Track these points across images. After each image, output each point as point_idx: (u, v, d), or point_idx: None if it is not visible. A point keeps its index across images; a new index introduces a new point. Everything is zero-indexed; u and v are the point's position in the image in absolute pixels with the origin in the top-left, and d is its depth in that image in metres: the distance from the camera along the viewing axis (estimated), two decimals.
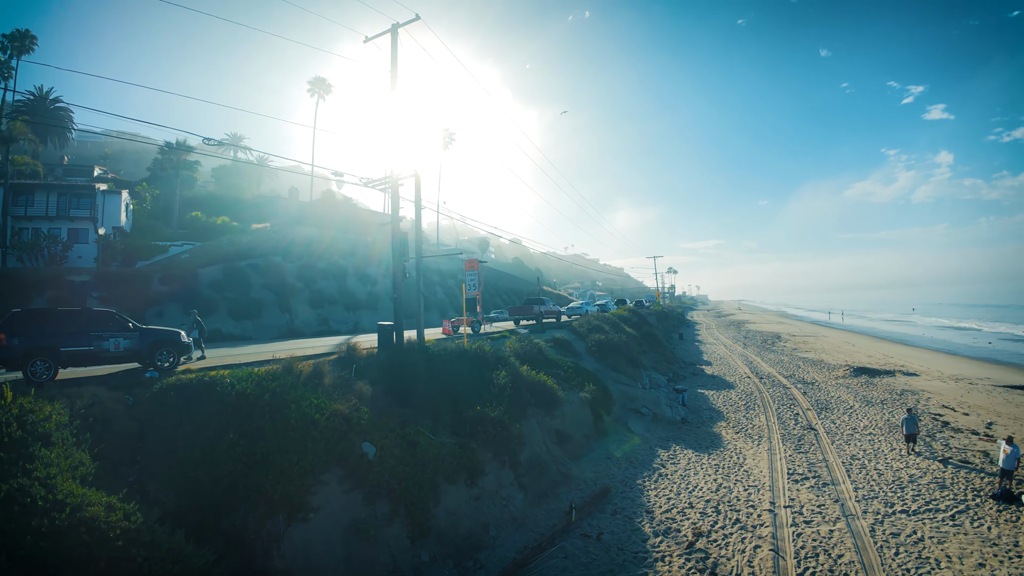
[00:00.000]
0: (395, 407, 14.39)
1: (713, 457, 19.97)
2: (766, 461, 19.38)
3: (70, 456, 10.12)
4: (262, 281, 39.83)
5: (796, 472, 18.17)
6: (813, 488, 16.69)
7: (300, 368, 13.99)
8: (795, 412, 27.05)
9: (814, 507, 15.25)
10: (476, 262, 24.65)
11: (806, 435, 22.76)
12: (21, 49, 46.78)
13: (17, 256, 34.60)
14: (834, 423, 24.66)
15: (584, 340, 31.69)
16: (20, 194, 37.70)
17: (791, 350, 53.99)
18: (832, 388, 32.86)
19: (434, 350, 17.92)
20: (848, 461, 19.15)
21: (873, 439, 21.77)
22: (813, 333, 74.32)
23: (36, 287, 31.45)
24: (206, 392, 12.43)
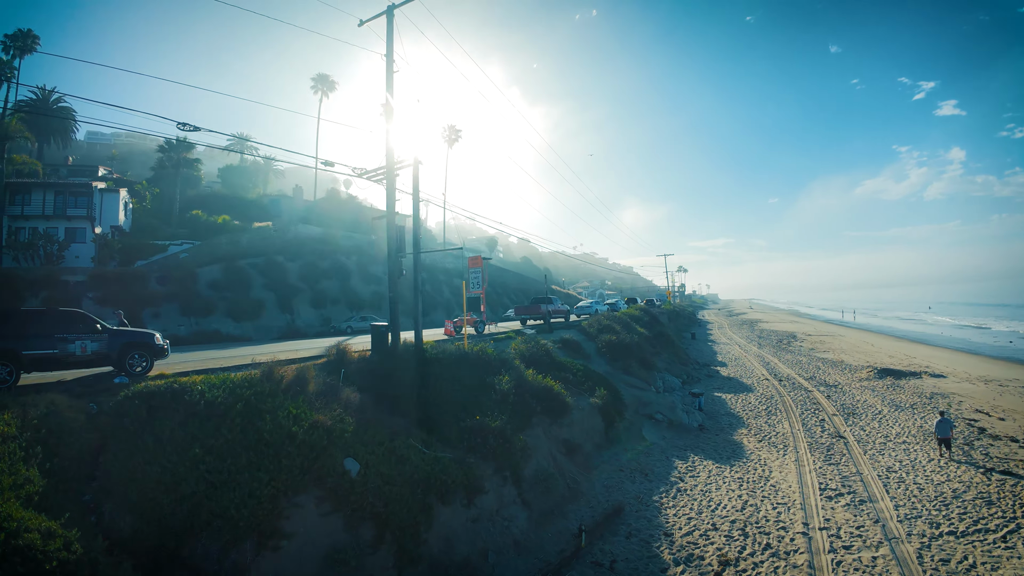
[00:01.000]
0: (385, 417, 13.07)
1: (736, 469, 18.46)
2: (794, 474, 17.86)
3: (16, 473, 8.93)
4: (263, 281, 38.87)
5: (829, 487, 16.63)
6: (849, 506, 15.16)
7: (281, 374, 12.72)
8: (820, 418, 25.46)
9: (852, 529, 13.74)
10: (480, 259, 23.31)
11: (835, 444, 21.20)
12: (23, 49, 46.35)
13: (13, 256, 33.85)
14: (863, 430, 23.06)
15: (594, 341, 30.25)
16: (17, 193, 37.01)
17: (808, 350, 52.15)
18: (857, 391, 31.19)
19: (432, 353, 16.60)
20: (884, 474, 17.59)
21: (908, 448, 20.18)
22: (829, 332, 72.24)
23: (31, 287, 30.63)
24: (174, 401, 11.18)
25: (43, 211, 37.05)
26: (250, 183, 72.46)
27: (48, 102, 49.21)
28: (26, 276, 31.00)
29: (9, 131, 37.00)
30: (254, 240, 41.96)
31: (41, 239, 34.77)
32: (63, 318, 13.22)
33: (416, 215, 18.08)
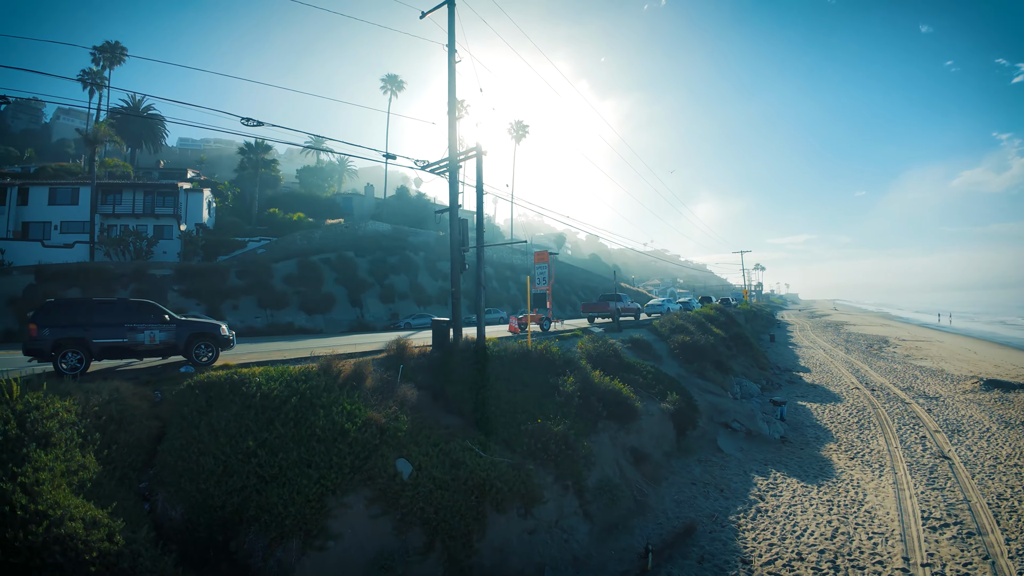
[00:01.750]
0: (441, 416, 12.50)
1: (824, 490, 16.64)
2: (892, 499, 15.87)
3: (71, 459, 8.94)
4: (334, 276, 39.78)
5: (932, 516, 14.61)
6: (956, 540, 13.17)
7: (339, 368, 12.41)
8: (920, 434, 22.84)
9: (959, 566, 11.86)
10: (546, 253, 22.48)
11: (938, 465, 18.82)
12: (112, 60, 50.17)
13: (105, 251, 36.20)
14: (970, 449, 20.41)
15: (666, 342, 28.67)
16: (109, 193, 39.84)
17: (903, 357, 47.74)
18: (960, 405, 27.92)
19: (493, 350, 15.91)
20: (995, 502, 15.32)
21: (1020, 473, 17.61)
22: (925, 337, 66.03)
23: (121, 280, 32.60)
24: (232, 392, 11.06)
25: (133, 210, 39.66)
26: (325, 183, 75.17)
27: (138, 109, 52.97)
28: (117, 270, 33.04)
29: (99, 136, 39.69)
30: (326, 236, 43.05)
31: (131, 236, 37.02)
32: (133, 308, 13.53)
33: (479, 207, 17.48)
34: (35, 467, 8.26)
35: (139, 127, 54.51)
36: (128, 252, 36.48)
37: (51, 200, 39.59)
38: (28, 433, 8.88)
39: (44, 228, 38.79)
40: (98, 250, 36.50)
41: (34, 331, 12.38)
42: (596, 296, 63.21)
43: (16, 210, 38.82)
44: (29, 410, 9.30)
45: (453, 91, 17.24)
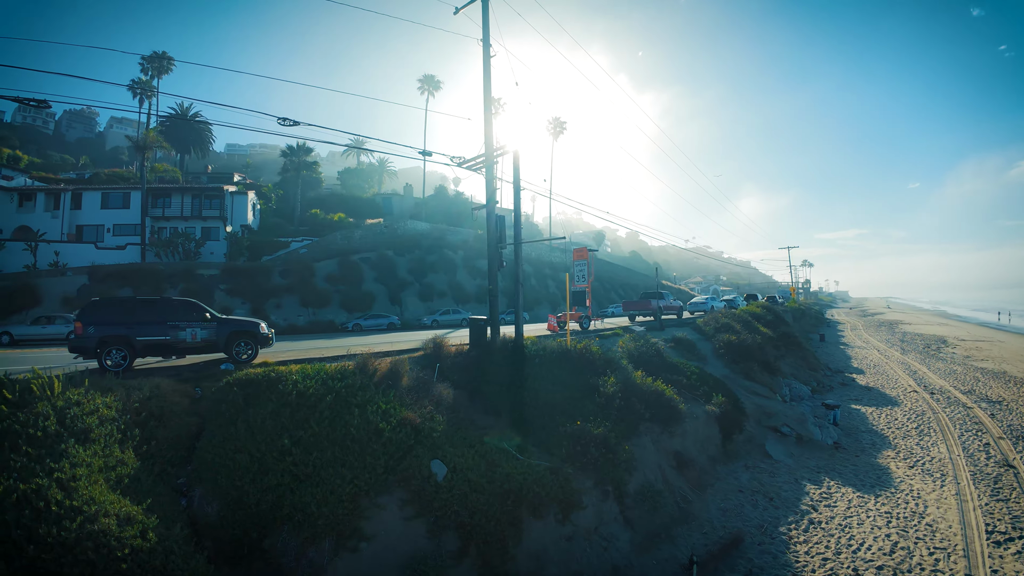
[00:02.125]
0: (478, 416, 12.21)
1: (881, 500, 15.61)
2: (955, 511, 14.74)
3: (109, 455, 9.00)
4: (374, 274, 40.17)
5: (997, 530, 13.48)
6: (1021, 555, 12.10)
7: (375, 367, 12.27)
8: (983, 442, 21.31)
9: None
10: (585, 250, 21.98)
11: (1003, 475, 17.46)
12: (160, 69, 52.36)
13: (156, 252, 37.47)
14: None
15: (710, 341, 27.71)
16: (159, 196, 41.46)
17: (963, 358, 44.97)
18: None
19: (531, 349, 15.52)
20: None
21: None
22: (985, 337, 62.09)
23: (170, 280, 33.67)
24: (268, 389, 11.03)
25: (181, 212, 41.07)
26: (365, 184, 76.33)
27: (186, 116, 54.81)
28: (167, 270, 34.15)
29: (148, 142, 41.44)
30: (366, 236, 43.53)
31: (180, 237, 38.23)
32: (175, 307, 13.71)
33: (517, 203, 17.13)
34: (72, 463, 8.33)
35: (187, 133, 56.45)
36: (177, 253, 37.67)
37: (103, 204, 41.38)
38: (68, 429, 8.99)
39: (97, 231, 40.48)
40: (149, 251, 37.82)
41: (79, 329, 12.67)
42: (637, 294, 62.06)
43: (70, 214, 40.65)
44: (69, 406, 9.43)
45: (488, 86, 16.95)
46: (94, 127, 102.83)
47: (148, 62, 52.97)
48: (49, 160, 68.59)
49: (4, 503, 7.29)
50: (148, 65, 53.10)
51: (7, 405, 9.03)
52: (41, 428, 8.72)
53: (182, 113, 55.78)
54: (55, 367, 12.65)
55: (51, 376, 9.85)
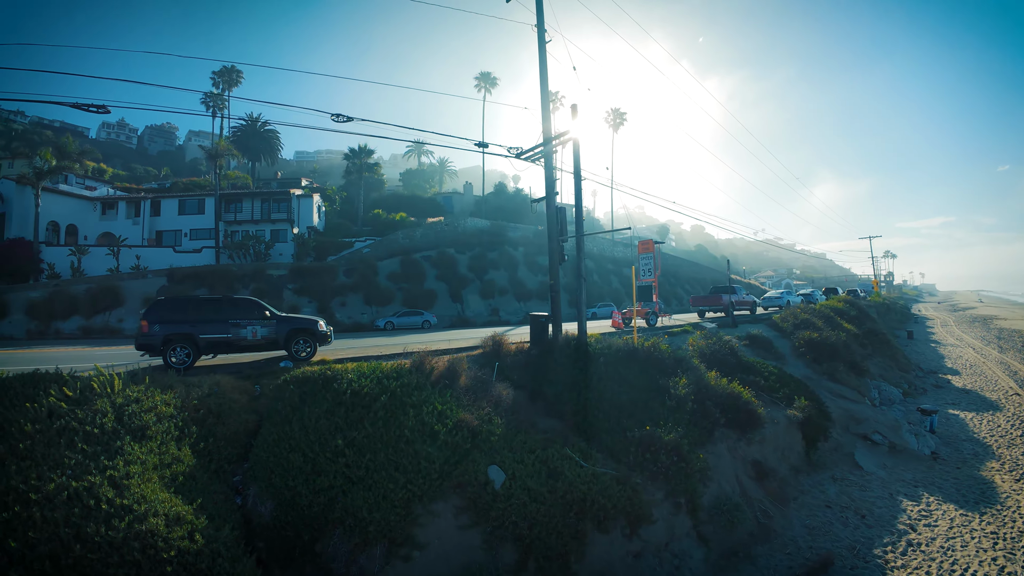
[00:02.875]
0: (539, 419, 11.50)
1: (988, 518, 13.71)
2: None
3: (165, 452, 8.90)
4: (435, 272, 40.28)
5: None
6: None
7: (432, 365, 11.81)
8: None
9: None
10: (651, 243, 20.83)
11: None
12: (230, 82, 55.33)
13: (229, 254, 39.09)
14: None
15: (788, 338, 25.79)
16: (231, 202, 43.67)
17: None
18: None
19: (596, 348, 14.65)
20: None
21: None
22: None
23: (242, 280, 34.90)
24: (324, 388, 10.75)
25: (252, 216, 42.97)
26: (426, 184, 77.37)
27: (255, 125, 57.78)
28: (239, 271, 35.42)
29: (218, 150, 43.76)
30: (427, 234, 43.79)
31: (251, 240, 39.69)
32: (236, 305, 13.77)
33: (578, 192, 16.30)
34: (127, 460, 8.24)
35: (257, 142, 59.03)
36: (248, 255, 39.14)
37: (180, 210, 43.92)
38: (125, 426, 8.95)
39: (175, 236, 42.87)
40: (222, 254, 39.54)
41: (145, 327, 12.88)
42: (704, 289, 59.43)
43: (150, 220, 43.44)
44: (128, 403, 9.43)
45: (544, 72, 16.22)
46: (174, 140, 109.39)
47: (219, 76, 56.15)
48: (134, 172, 73.47)
49: (55, 501, 7.22)
50: (219, 79, 56.24)
51: (67, 402, 9.09)
52: (98, 425, 8.72)
53: (252, 123, 58.53)
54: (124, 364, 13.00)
55: (111, 373, 9.92)
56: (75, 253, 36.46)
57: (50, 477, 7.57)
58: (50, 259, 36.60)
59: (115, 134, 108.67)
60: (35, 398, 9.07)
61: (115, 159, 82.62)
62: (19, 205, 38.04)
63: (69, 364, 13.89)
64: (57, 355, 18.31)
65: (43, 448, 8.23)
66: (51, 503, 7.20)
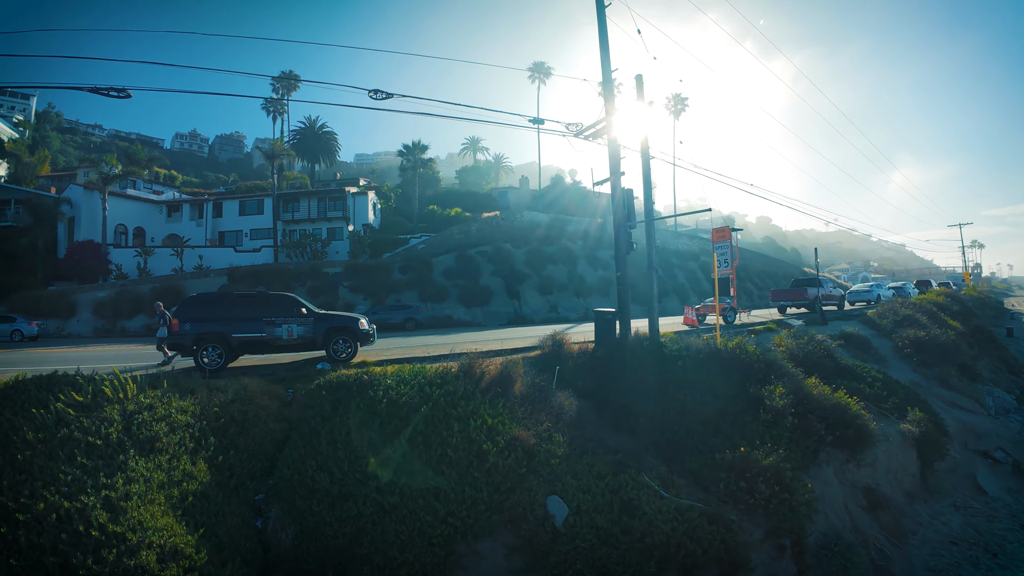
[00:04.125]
0: (608, 434, 9.72)
1: None
2: None
3: (174, 468, 7.73)
4: (491, 268, 38.97)
5: None
6: None
7: (482, 369, 10.22)
8: None
9: None
10: (727, 230, 18.56)
11: None
12: (288, 87, 57.24)
13: (287, 253, 39.21)
14: None
15: (888, 337, 22.62)
16: (289, 202, 44.26)
17: None
18: None
19: (672, 349, 12.67)
20: None
21: None
22: None
23: (298, 278, 34.70)
24: (359, 395, 9.37)
25: (308, 215, 43.23)
26: (482, 181, 76.62)
27: (314, 128, 58.99)
28: (295, 269, 35.27)
29: (276, 151, 44.21)
30: (483, 229, 42.60)
31: (308, 238, 39.69)
32: (271, 301, 12.68)
33: (646, 172, 14.40)
34: (128, 478, 7.12)
35: (316, 145, 60.17)
36: (306, 253, 39.13)
37: (241, 211, 44.79)
38: (132, 437, 7.84)
39: (236, 236, 43.64)
40: (280, 253, 39.75)
41: (176, 326, 11.97)
42: (775, 282, 55.58)
43: (213, 222, 44.49)
44: (141, 410, 8.35)
45: (604, 31, 14.37)
46: (242, 148, 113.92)
47: (277, 81, 57.71)
48: (205, 179, 76.31)
49: (44, 523, 6.26)
50: (278, 84, 57.82)
51: (76, 408, 8.09)
52: (102, 436, 7.64)
53: (310, 125, 59.85)
54: (149, 366, 12.18)
55: (125, 377, 8.89)
56: (141, 254, 37.35)
57: (43, 495, 6.62)
58: (117, 260, 37.67)
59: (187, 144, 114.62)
60: (46, 403, 8.15)
61: (188, 167, 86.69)
62: (87, 209, 39.35)
63: (118, 363, 13.26)
64: (106, 354, 18.03)
65: (43, 460, 7.26)
66: (40, 525, 6.26)
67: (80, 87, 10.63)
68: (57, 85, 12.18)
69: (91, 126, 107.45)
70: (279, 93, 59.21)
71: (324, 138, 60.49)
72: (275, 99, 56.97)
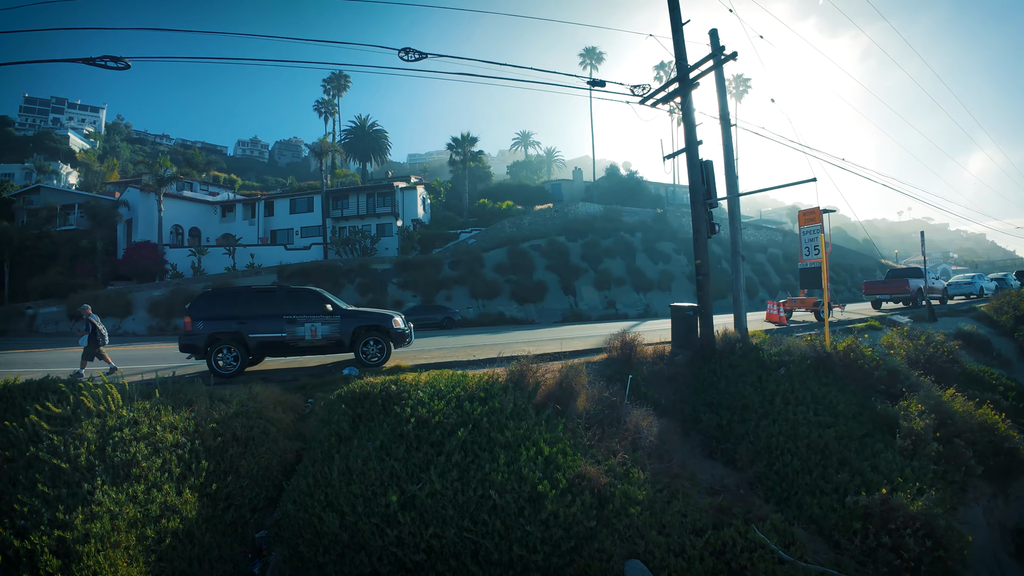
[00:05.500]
0: (699, 464, 7.61)
1: None
2: None
3: (152, 500, 6.21)
4: (545, 263, 37.16)
5: None
6: None
7: (537, 378, 8.32)
8: None
9: None
10: (818, 212, 15.99)
11: None
12: (339, 88, 57.25)
13: (336, 250, 38.65)
14: None
15: (1010, 337, 19.15)
16: (338, 199, 43.92)
17: None
18: None
19: (770, 352, 10.35)
20: None
21: None
22: None
23: (347, 275, 33.86)
24: (384, 410, 7.64)
25: (357, 211, 42.80)
26: (534, 175, 74.78)
27: (364, 127, 59.53)
28: (344, 266, 34.46)
29: (323, 147, 44.48)
30: (536, 222, 40.79)
31: (357, 235, 38.99)
32: (291, 297, 11.13)
33: (727, 140, 12.11)
34: (90, 513, 5.65)
35: (367, 143, 60.14)
36: (355, 250, 38.51)
37: (292, 210, 44.74)
38: (105, 460, 6.37)
39: (288, 234, 43.59)
40: (330, 250, 39.28)
41: (188, 325, 10.60)
42: (853, 274, 51.23)
43: (264, 220, 44.66)
44: (121, 426, 6.88)
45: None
46: (300, 153, 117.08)
47: (328, 83, 58.14)
48: (265, 183, 77.88)
49: None
50: (329, 86, 58.15)
51: (53, 422, 6.73)
52: (70, 458, 6.21)
53: (361, 124, 59.93)
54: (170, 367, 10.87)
55: (109, 384, 7.47)
56: (195, 253, 37.53)
57: None
58: (173, 260, 38.04)
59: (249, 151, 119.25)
60: (25, 414, 6.84)
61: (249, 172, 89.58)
62: (144, 211, 39.98)
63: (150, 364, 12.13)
64: (146, 353, 17.20)
65: (4, 486, 5.93)
66: None
67: (74, 59, 9.56)
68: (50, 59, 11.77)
69: (159, 136, 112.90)
70: (330, 94, 59.86)
71: (374, 136, 60.25)
72: (326, 100, 57.91)
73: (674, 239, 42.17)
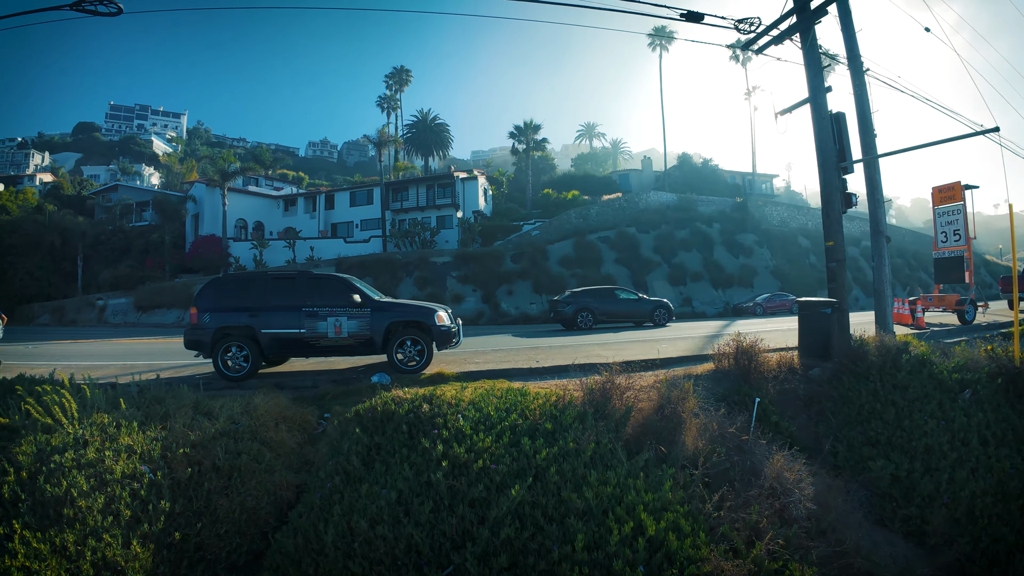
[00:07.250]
0: (873, 539, 4.95)
1: None
2: None
3: (84, 556, 4.29)
4: (614, 255, 34.62)
5: None
6: None
7: (627, 400, 5.93)
8: None
9: None
10: (959, 187, 12.87)
11: None
12: (401, 83, 59.56)
13: (395, 243, 37.63)
14: None
15: None
16: (398, 191, 42.87)
17: None
18: None
19: (943, 367, 7.36)
20: None
21: None
22: None
23: (406, 268, 32.54)
24: (409, 441, 5.53)
25: (417, 203, 41.78)
26: (600, 167, 72.02)
27: (426, 121, 59.12)
28: (403, 259, 33.15)
29: (383, 139, 43.87)
30: (603, 212, 38.16)
31: (417, 227, 37.83)
32: (313, 285, 9.13)
33: (860, 88, 9.17)
34: None
35: (428, 137, 59.71)
36: (414, 243, 37.39)
37: (352, 203, 44.13)
38: (34, 495, 4.52)
39: (348, 227, 43.18)
40: (389, 243, 38.42)
41: (194, 317, 8.83)
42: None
43: (325, 214, 44.31)
44: (63, 448, 5.04)
45: None
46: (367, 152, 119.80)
47: (390, 78, 58.23)
48: (334, 181, 79.17)
49: None
50: (391, 81, 58.25)
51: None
52: None
53: (423, 119, 59.85)
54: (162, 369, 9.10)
55: (68, 388, 5.70)
56: (256, 247, 37.41)
57: None
58: (236, 253, 38.19)
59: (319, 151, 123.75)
60: None
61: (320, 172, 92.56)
62: (210, 205, 40.46)
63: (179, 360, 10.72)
64: (178, 345, 15.96)
65: None
66: None
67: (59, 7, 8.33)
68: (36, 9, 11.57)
69: (236, 139, 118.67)
70: (392, 89, 59.84)
71: (436, 130, 59.48)
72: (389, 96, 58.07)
73: (756, 231, 38.40)
